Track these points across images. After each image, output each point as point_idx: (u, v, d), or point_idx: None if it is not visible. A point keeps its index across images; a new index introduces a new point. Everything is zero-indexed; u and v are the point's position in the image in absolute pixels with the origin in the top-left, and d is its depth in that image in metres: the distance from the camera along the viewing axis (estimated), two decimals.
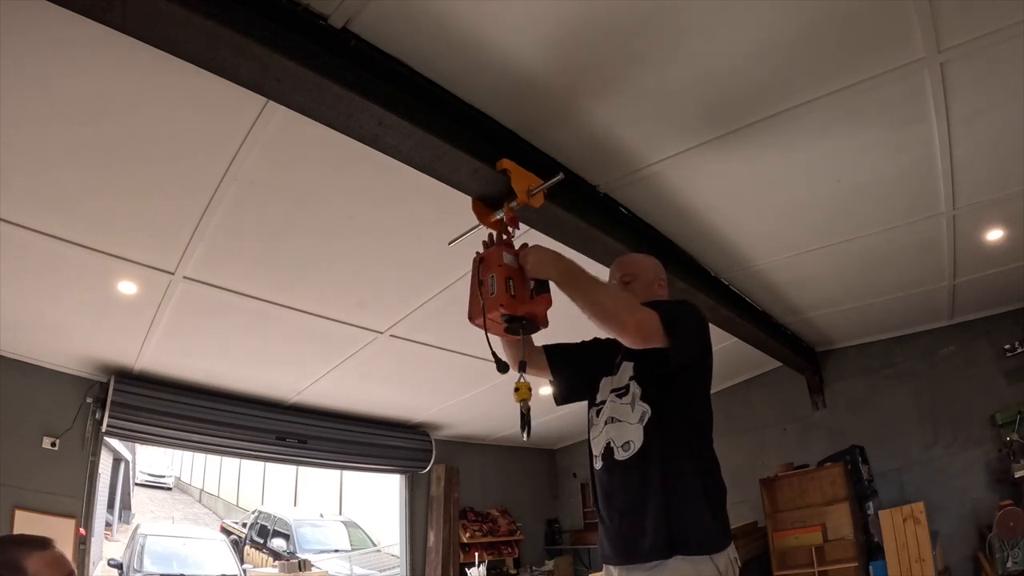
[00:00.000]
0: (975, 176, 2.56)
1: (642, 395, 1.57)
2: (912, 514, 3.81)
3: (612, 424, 1.60)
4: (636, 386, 1.59)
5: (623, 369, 1.67)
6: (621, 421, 1.58)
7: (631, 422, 1.56)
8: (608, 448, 1.59)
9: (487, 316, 1.59)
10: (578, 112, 2.05)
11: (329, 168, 2.25)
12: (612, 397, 1.64)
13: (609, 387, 1.68)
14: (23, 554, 1.17)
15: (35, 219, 2.38)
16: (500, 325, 1.62)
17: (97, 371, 3.82)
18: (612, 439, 1.59)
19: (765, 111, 2.10)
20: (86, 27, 1.42)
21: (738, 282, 3.51)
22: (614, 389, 1.65)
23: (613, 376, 1.69)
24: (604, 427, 1.62)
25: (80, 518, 3.62)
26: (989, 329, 4.21)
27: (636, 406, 1.57)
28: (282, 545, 8.90)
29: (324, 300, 3.18)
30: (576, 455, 6.78)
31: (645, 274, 1.81)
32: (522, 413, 1.57)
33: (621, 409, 1.60)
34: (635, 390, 1.59)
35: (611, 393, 1.65)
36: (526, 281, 1.64)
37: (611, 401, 1.64)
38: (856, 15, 1.72)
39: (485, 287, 1.61)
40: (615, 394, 1.64)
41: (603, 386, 1.71)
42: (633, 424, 1.55)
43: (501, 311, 1.57)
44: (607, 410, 1.64)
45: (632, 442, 1.54)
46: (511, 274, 1.61)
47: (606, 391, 1.69)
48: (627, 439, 1.55)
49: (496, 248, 1.70)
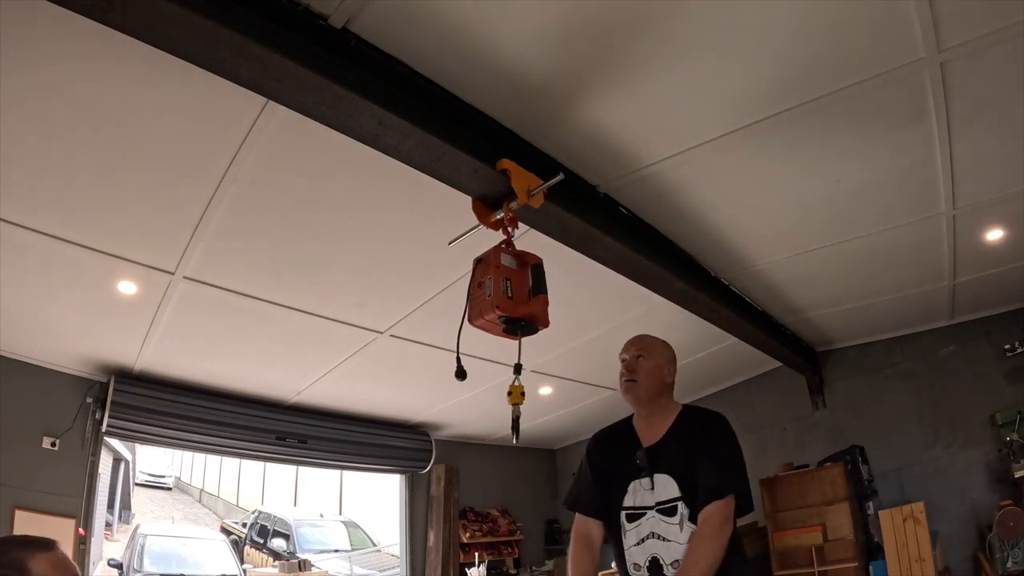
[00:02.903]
0: (975, 176, 2.56)
1: (690, 516, 1.63)
2: (912, 514, 3.81)
3: (659, 541, 1.66)
4: (684, 507, 1.65)
5: (661, 483, 1.70)
6: (670, 541, 1.64)
7: (680, 542, 1.62)
8: (656, 563, 1.65)
9: (485, 318, 1.59)
10: (578, 112, 2.05)
11: (329, 168, 2.25)
12: (655, 514, 1.68)
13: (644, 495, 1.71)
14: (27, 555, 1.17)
15: (35, 219, 2.38)
16: (499, 327, 1.63)
17: (97, 371, 3.82)
18: (660, 556, 1.65)
19: (765, 111, 2.10)
20: (86, 28, 1.42)
21: (738, 282, 3.51)
22: (658, 504, 1.69)
23: (640, 481, 1.73)
24: (648, 541, 1.68)
25: (80, 518, 3.62)
26: (989, 329, 4.20)
27: (685, 526, 1.63)
28: (282, 545, 8.90)
29: (324, 300, 3.18)
30: (576, 455, 6.77)
31: (657, 355, 1.85)
32: (513, 417, 1.58)
33: (670, 529, 1.65)
34: (683, 511, 1.65)
35: (655, 508, 1.69)
36: (525, 281, 1.64)
37: (654, 517, 1.68)
38: (856, 15, 1.72)
39: (482, 289, 1.61)
40: (660, 511, 1.68)
41: (633, 490, 1.74)
42: (681, 544, 1.62)
43: (497, 312, 1.57)
44: (650, 525, 1.69)
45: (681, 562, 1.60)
46: (509, 275, 1.62)
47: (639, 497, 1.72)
48: (676, 558, 1.62)
49: (494, 250, 1.70)
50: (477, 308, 1.61)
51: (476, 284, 1.65)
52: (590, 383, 4.86)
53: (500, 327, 1.64)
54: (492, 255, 1.67)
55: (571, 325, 3.62)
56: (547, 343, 1.87)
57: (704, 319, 3.43)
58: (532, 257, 1.77)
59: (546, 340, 1.93)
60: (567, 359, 4.23)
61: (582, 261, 2.63)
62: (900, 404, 4.55)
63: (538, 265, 1.75)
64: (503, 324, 1.62)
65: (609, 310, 3.62)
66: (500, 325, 1.63)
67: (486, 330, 1.65)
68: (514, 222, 1.91)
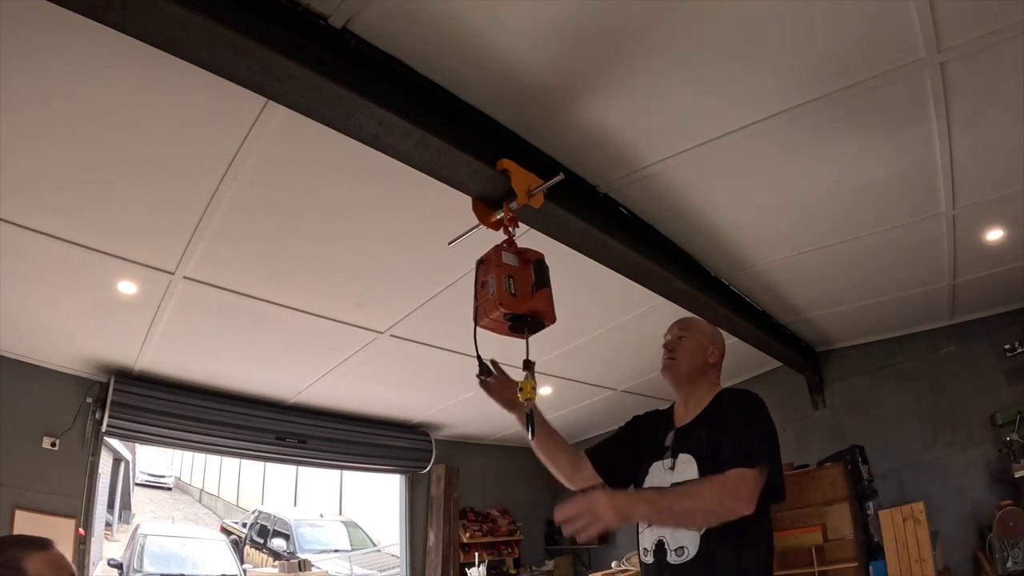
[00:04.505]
0: (975, 176, 2.56)
1: None
2: (912, 514, 3.81)
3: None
4: None
5: (682, 463, 1.58)
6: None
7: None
8: (661, 547, 1.54)
9: (490, 317, 1.58)
10: (578, 112, 2.05)
11: (329, 168, 2.25)
12: None
13: (664, 475, 1.60)
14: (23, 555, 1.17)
15: (35, 219, 2.38)
16: (504, 325, 1.61)
17: (97, 371, 3.82)
18: (666, 540, 1.53)
19: (765, 111, 2.10)
20: (86, 28, 1.42)
21: (738, 282, 3.51)
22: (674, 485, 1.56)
23: (663, 461, 1.62)
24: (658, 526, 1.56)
25: (80, 518, 3.61)
26: (989, 329, 4.20)
27: None
28: (282, 545, 8.90)
29: (324, 300, 3.18)
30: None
31: (700, 336, 1.78)
32: (527, 413, 1.56)
33: None
34: None
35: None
36: (528, 277, 1.63)
37: None
38: (856, 15, 1.72)
39: (486, 288, 1.60)
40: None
41: (654, 471, 1.64)
42: (690, 531, 1.49)
43: (501, 310, 1.56)
44: None
45: (687, 548, 1.49)
46: (511, 272, 1.61)
47: (658, 477, 1.61)
48: (681, 544, 1.50)
49: (495, 249, 1.69)
50: (482, 308, 1.60)
51: (479, 284, 1.64)
52: (590, 383, 4.86)
53: (506, 325, 1.62)
54: (493, 254, 1.66)
55: (571, 325, 3.61)
56: (547, 343, 1.88)
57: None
58: (534, 253, 1.76)
59: (546, 340, 1.93)
60: (567, 359, 4.23)
61: (582, 261, 2.63)
62: (900, 404, 4.55)
63: (540, 260, 1.74)
64: (509, 322, 1.61)
65: (609, 310, 3.62)
66: (506, 323, 1.61)
67: (493, 330, 1.64)
68: (514, 222, 1.90)
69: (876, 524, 4.07)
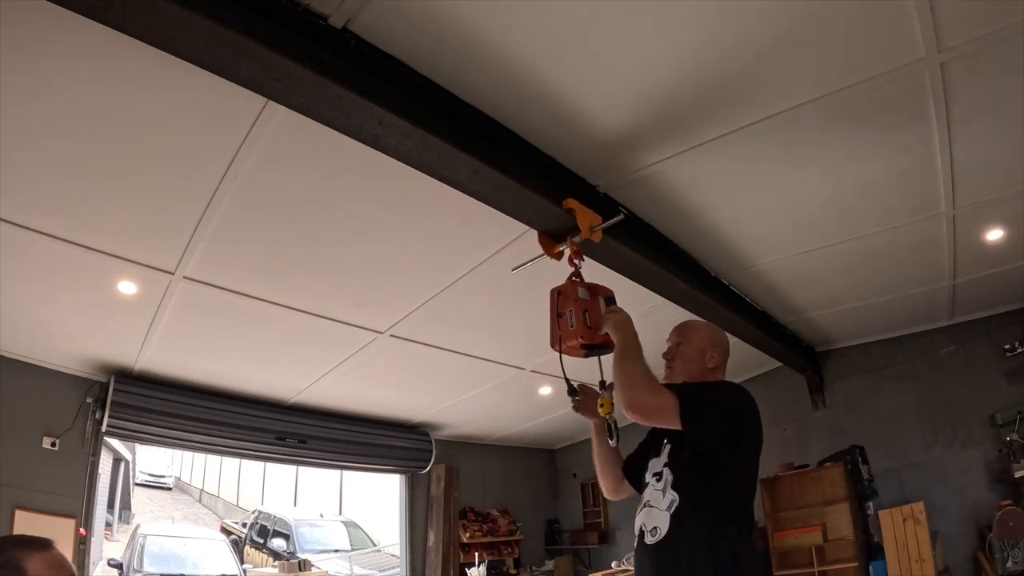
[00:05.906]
0: (975, 176, 2.56)
1: (673, 482, 1.61)
2: (912, 514, 3.82)
3: (647, 508, 1.65)
4: (669, 473, 1.63)
5: (664, 452, 1.70)
6: (653, 507, 1.63)
7: (660, 508, 1.60)
8: (641, 531, 1.64)
9: (567, 344, 1.83)
10: (579, 111, 2.05)
11: (329, 168, 2.25)
12: (652, 480, 1.69)
13: (653, 468, 1.72)
14: (24, 555, 1.17)
15: (35, 219, 2.38)
16: (580, 352, 1.86)
17: (97, 371, 3.82)
18: (644, 523, 1.63)
19: (765, 111, 2.10)
20: (86, 27, 1.42)
21: (738, 282, 3.51)
22: (655, 473, 1.69)
23: (658, 458, 1.73)
24: (642, 510, 1.67)
25: (80, 518, 3.62)
26: (989, 329, 4.21)
27: (667, 493, 1.61)
28: (282, 545, 8.90)
29: (324, 300, 3.18)
30: (576, 455, 6.78)
31: (697, 342, 1.83)
32: (609, 425, 1.74)
33: (655, 495, 1.64)
34: (668, 477, 1.63)
35: (652, 476, 1.69)
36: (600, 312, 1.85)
37: (651, 485, 1.68)
38: (856, 15, 1.72)
39: (564, 320, 1.83)
40: (655, 478, 1.68)
41: (650, 466, 1.75)
42: (662, 511, 1.59)
43: (580, 340, 1.79)
44: (646, 493, 1.69)
45: (659, 528, 1.58)
46: (587, 306, 1.84)
47: (650, 472, 1.73)
48: (655, 525, 1.59)
49: (571, 284, 1.90)
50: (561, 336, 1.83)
51: (556, 314, 1.86)
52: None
53: (583, 352, 1.86)
54: (570, 288, 1.88)
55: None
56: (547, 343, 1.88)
57: (704, 319, 3.43)
58: (603, 289, 1.95)
59: (546, 340, 1.94)
60: (567, 359, 4.22)
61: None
62: (900, 404, 4.55)
63: (610, 298, 1.93)
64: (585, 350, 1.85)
65: None
66: (582, 351, 1.85)
67: (568, 354, 1.87)
68: (578, 255, 2.07)
69: (876, 524, 4.08)
